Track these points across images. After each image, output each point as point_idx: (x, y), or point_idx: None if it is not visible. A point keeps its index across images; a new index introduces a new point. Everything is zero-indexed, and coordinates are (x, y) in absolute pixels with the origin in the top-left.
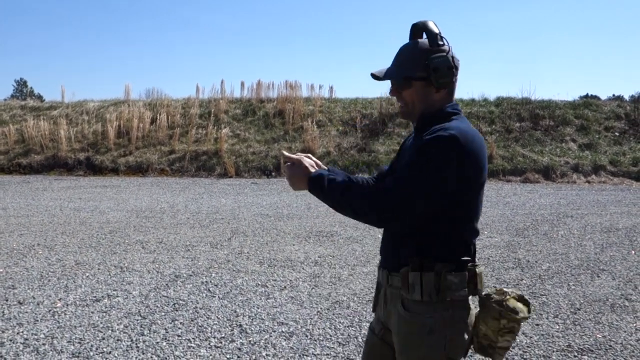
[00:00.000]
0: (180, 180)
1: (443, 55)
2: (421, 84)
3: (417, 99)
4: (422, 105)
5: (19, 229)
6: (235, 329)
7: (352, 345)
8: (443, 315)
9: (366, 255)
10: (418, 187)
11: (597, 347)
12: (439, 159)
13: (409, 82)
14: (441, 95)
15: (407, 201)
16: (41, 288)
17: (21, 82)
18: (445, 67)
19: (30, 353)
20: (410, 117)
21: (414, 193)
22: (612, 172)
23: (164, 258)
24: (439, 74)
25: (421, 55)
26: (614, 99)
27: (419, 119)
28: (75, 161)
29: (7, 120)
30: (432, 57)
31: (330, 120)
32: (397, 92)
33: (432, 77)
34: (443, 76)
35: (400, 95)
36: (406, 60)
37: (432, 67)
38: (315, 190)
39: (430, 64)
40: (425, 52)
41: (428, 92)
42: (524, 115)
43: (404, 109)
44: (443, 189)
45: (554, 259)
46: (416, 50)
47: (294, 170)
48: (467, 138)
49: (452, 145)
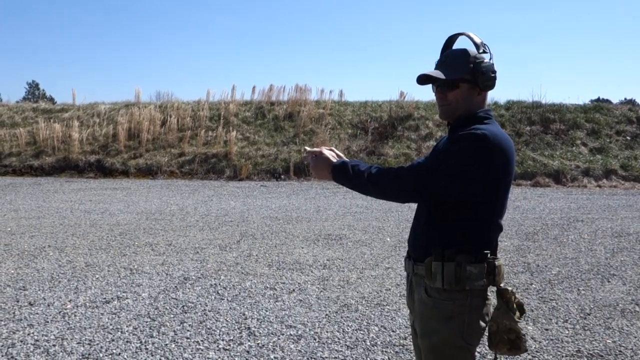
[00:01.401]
0: (189, 183)
1: (488, 61)
2: (467, 87)
3: (461, 99)
4: (465, 106)
5: (30, 231)
6: (244, 331)
7: (360, 349)
8: (462, 303)
9: (375, 259)
10: (445, 171)
11: (607, 353)
12: (469, 151)
13: (457, 84)
14: (481, 98)
15: (433, 181)
16: (52, 289)
17: (33, 85)
18: (490, 72)
19: (41, 354)
20: (452, 116)
21: (441, 175)
22: (623, 177)
23: (173, 260)
24: (485, 77)
25: (470, 60)
26: (626, 103)
27: (455, 119)
28: (86, 163)
29: (19, 122)
30: (479, 62)
31: (340, 124)
32: (443, 93)
33: (479, 80)
34: (488, 79)
35: (445, 97)
36: (455, 64)
37: (480, 71)
38: (339, 176)
39: (478, 68)
40: (473, 57)
41: (472, 94)
42: (534, 119)
43: (447, 109)
44: (468, 180)
45: (564, 263)
46: (466, 55)
47: (317, 161)
48: (496, 138)
49: (482, 142)
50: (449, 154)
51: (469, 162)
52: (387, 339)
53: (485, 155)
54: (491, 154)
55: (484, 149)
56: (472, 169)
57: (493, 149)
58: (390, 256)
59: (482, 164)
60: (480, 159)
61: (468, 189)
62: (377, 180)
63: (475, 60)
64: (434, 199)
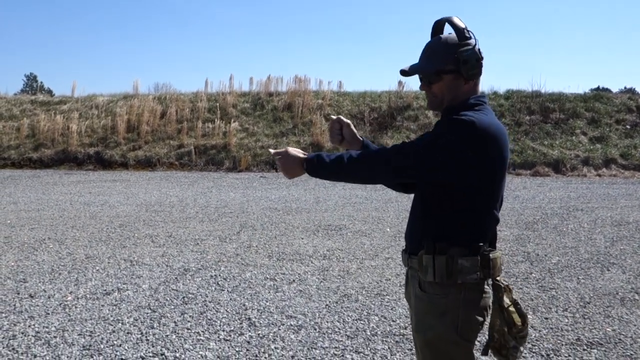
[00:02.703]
0: (189, 174)
1: (471, 48)
2: (451, 77)
3: (446, 91)
4: (451, 97)
5: (30, 223)
6: (244, 322)
7: (361, 339)
8: (456, 297)
9: (374, 249)
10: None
11: (606, 341)
12: (452, 136)
13: (440, 75)
14: (469, 87)
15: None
16: (52, 281)
17: (31, 77)
18: (474, 59)
19: (42, 346)
20: (439, 108)
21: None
22: (623, 166)
23: (173, 252)
24: (469, 66)
25: (450, 49)
26: (626, 92)
27: (444, 110)
28: (85, 155)
29: (17, 115)
30: (461, 51)
31: (339, 114)
32: (427, 86)
33: (462, 69)
34: (472, 68)
35: (429, 89)
36: (436, 54)
37: (462, 60)
38: (314, 168)
39: (460, 57)
40: (454, 45)
41: (457, 84)
42: (534, 109)
43: (434, 101)
44: (444, 166)
45: (563, 252)
46: (445, 45)
47: (285, 160)
48: (483, 125)
49: (467, 129)
50: (433, 138)
51: (452, 149)
52: (387, 328)
53: (470, 142)
54: (477, 142)
55: (473, 135)
56: (455, 153)
57: (479, 135)
58: (390, 246)
59: (468, 151)
60: (464, 146)
61: (450, 171)
62: (365, 160)
63: (457, 49)
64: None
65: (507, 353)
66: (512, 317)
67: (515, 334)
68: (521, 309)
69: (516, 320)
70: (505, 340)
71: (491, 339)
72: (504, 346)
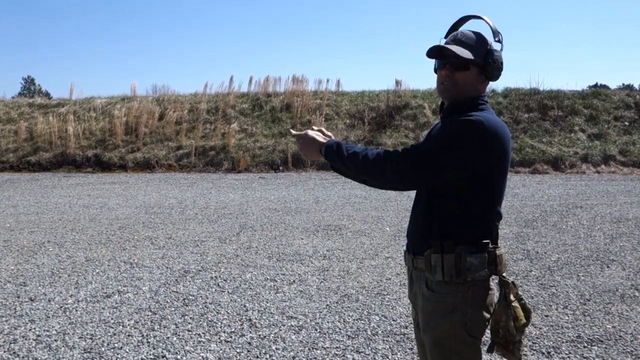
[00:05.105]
0: (188, 176)
1: (500, 50)
2: (477, 71)
3: (468, 82)
4: (469, 89)
5: (29, 227)
6: (245, 323)
7: (362, 338)
8: (464, 295)
9: (374, 249)
10: (439, 155)
11: (607, 338)
12: (462, 136)
13: (469, 65)
14: (484, 86)
15: (427, 165)
16: (52, 285)
17: (29, 80)
18: (500, 62)
19: (43, 349)
20: (452, 97)
21: (434, 159)
22: (621, 162)
23: (173, 254)
24: (495, 66)
25: (484, 45)
26: (624, 88)
27: (451, 102)
28: (84, 158)
29: (15, 118)
30: (493, 50)
31: (338, 114)
32: (451, 71)
33: (488, 67)
34: (497, 69)
35: (452, 75)
36: (472, 45)
37: (491, 59)
38: (330, 156)
39: (490, 55)
40: (487, 43)
41: (478, 80)
42: (532, 106)
43: (449, 88)
44: (461, 165)
45: (563, 250)
46: (481, 39)
47: (304, 142)
48: (491, 124)
49: (476, 128)
50: (443, 140)
51: (462, 148)
52: (388, 328)
53: (479, 141)
54: (486, 141)
55: (478, 135)
56: (465, 153)
57: (487, 135)
58: (390, 246)
59: (477, 150)
60: (474, 145)
61: (462, 175)
62: (377, 161)
63: (491, 48)
64: (435, 178)
65: (513, 348)
66: (516, 313)
67: (518, 327)
68: (525, 304)
69: (519, 315)
70: (511, 335)
71: (496, 335)
72: (510, 341)
